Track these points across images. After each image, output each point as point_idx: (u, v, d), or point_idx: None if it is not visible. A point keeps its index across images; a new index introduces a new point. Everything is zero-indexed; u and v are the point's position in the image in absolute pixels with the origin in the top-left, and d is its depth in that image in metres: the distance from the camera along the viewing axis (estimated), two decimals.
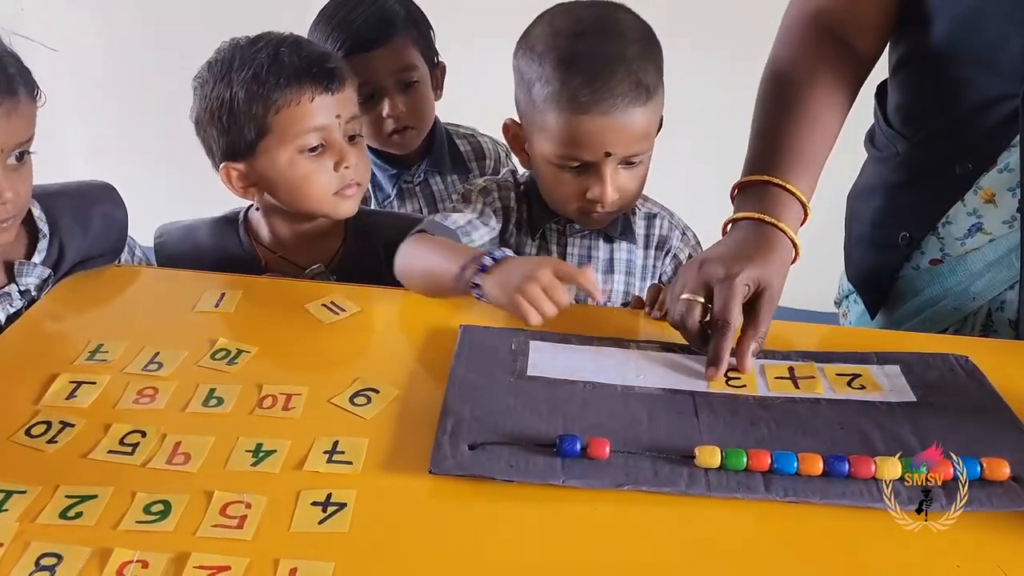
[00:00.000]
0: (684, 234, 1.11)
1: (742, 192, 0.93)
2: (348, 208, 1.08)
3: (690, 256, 1.10)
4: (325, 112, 1.03)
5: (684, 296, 0.84)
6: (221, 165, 1.07)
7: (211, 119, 1.04)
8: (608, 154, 0.94)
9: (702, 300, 0.83)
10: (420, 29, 1.30)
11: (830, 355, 0.88)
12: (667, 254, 1.10)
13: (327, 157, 1.05)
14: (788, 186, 0.90)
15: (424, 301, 0.99)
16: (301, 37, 1.06)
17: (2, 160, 0.88)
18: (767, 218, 0.88)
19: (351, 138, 1.07)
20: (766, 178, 0.91)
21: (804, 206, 0.91)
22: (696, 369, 0.84)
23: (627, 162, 0.96)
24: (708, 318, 0.84)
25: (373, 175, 1.36)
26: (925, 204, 0.99)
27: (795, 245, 0.88)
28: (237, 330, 0.90)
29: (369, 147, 1.36)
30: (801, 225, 0.91)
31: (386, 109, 1.26)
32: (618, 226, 1.07)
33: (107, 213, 1.06)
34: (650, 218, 1.10)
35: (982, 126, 0.92)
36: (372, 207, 1.37)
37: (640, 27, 0.96)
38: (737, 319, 0.82)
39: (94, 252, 1.04)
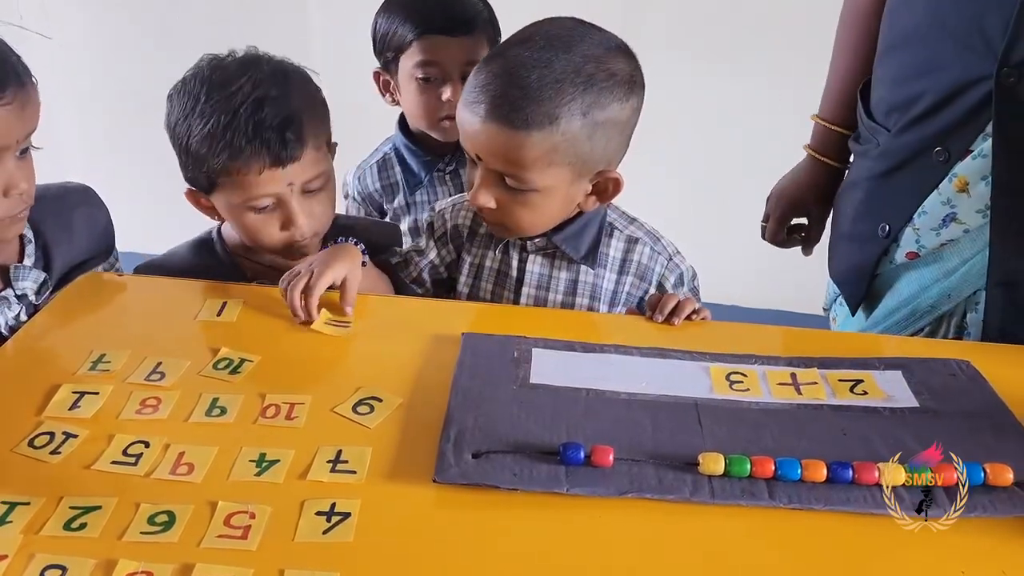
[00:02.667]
0: (671, 260, 1.05)
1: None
2: (300, 255, 1.05)
3: (680, 278, 1.05)
4: (275, 183, 0.99)
5: None
6: (186, 188, 1.06)
7: (174, 146, 1.02)
8: (479, 157, 0.93)
9: None
10: (494, 33, 1.33)
11: (832, 361, 0.88)
12: (648, 284, 1.05)
13: (277, 215, 1.02)
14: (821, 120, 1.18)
15: (426, 309, 1.00)
16: (273, 86, 0.99)
17: (14, 152, 0.89)
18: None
19: (312, 192, 1.03)
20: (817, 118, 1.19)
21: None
22: (699, 375, 0.84)
23: (507, 183, 0.93)
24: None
25: (404, 160, 1.37)
26: (903, 193, 1.01)
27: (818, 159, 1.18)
28: (240, 339, 0.90)
29: (404, 131, 1.37)
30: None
31: (447, 94, 1.28)
32: (581, 248, 1.02)
33: (89, 215, 1.07)
34: (631, 242, 1.04)
35: (958, 109, 0.94)
36: (401, 193, 1.37)
37: (593, 74, 0.89)
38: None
39: (85, 256, 1.05)
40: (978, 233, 0.96)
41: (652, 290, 1.05)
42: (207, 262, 1.11)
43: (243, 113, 0.96)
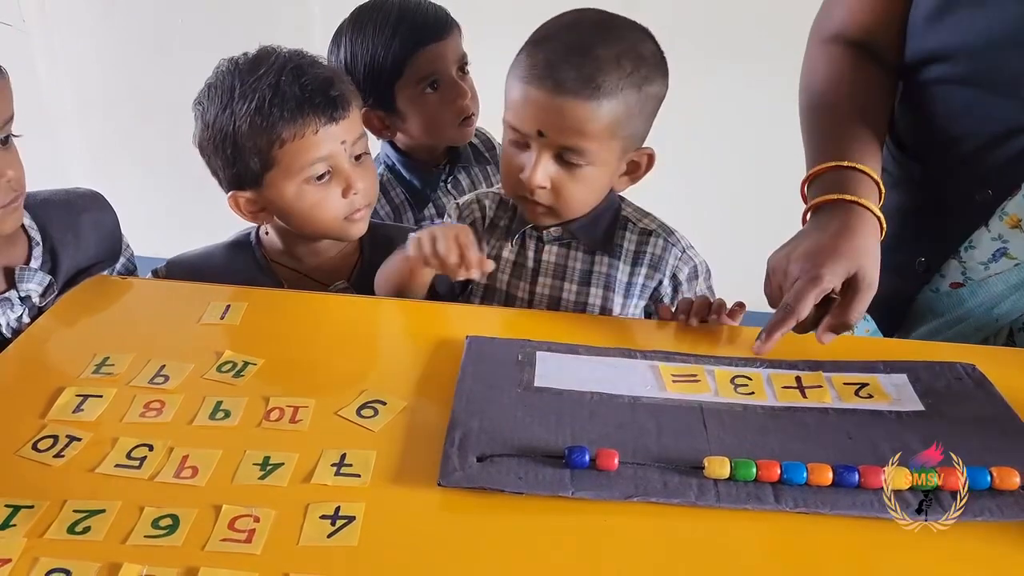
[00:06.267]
0: (685, 252, 1.07)
1: (814, 182, 0.93)
2: (357, 230, 1.08)
3: (694, 271, 1.07)
4: (330, 142, 1.02)
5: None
6: (229, 193, 1.07)
7: (215, 149, 1.03)
8: (540, 134, 0.95)
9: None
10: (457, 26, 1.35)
11: (837, 364, 0.87)
12: (662, 275, 1.06)
13: (334, 184, 1.04)
14: (860, 166, 0.91)
15: (430, 312, 0.99)
16: (303, 59, 1.04)
17: None
18: (848, 197, 0.88)
19: (357, 158, 1.06)
20: (837, 164, 0.92)
21: (878, 184, 0.91)
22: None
23: (564, 159, 0.96)
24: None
25: (402, 177, 1.36)
26: (943, 231, 0.98)
27: (880, 220, 0.89)
28: (243, 342, 0.90)
29: (396, 148, 1.36)
30: (879, 204, 0.91)
31: (460, 95, 1.29)
32: (596, 237, 1.05)
33: (96, 220, 1.07)
34: (645, 234, 1.06)
35: (1003, 154, 0.91)
36: (409, 211, 1.36)
37: (641, 53, 0.95)
38: (803, 311, 0.83)
39: (91, 260, 1.05)
40: None
41: (666, 281, 1.07)
42: (243, 265, 1.12)
43: (285, 82, 1.00)
